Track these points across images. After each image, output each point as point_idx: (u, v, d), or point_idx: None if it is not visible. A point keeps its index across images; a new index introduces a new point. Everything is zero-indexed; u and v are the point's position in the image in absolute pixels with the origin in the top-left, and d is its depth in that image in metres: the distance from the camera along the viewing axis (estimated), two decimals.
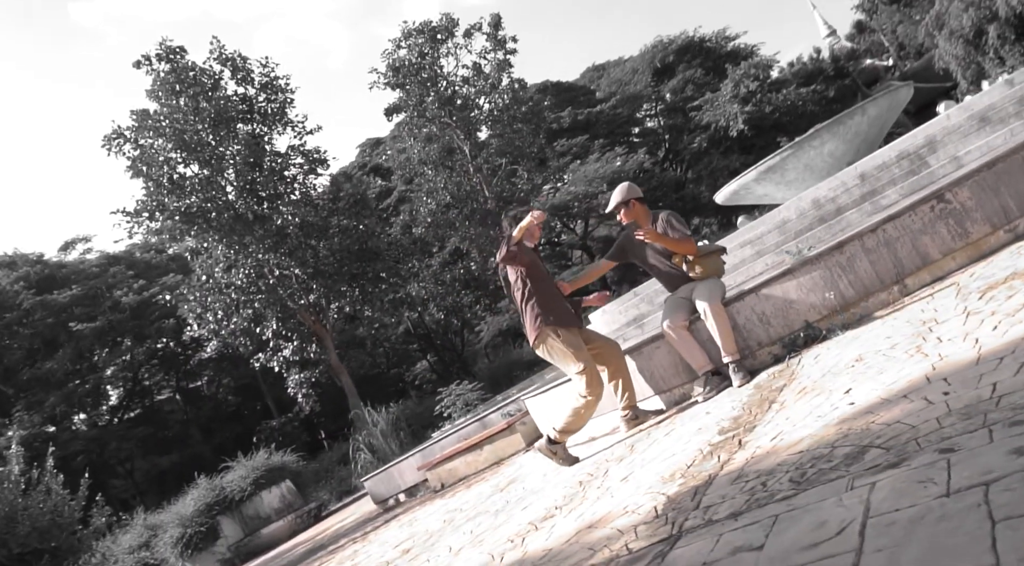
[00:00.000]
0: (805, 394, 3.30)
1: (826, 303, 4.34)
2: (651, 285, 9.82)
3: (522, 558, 3.09)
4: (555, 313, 4.73)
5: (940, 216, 4.20)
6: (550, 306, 4.75)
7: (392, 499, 8.96)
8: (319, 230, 21.69)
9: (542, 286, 4.80)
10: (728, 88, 34.61)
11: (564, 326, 4.70)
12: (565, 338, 4.65)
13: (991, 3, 27.57)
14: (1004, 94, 7.60)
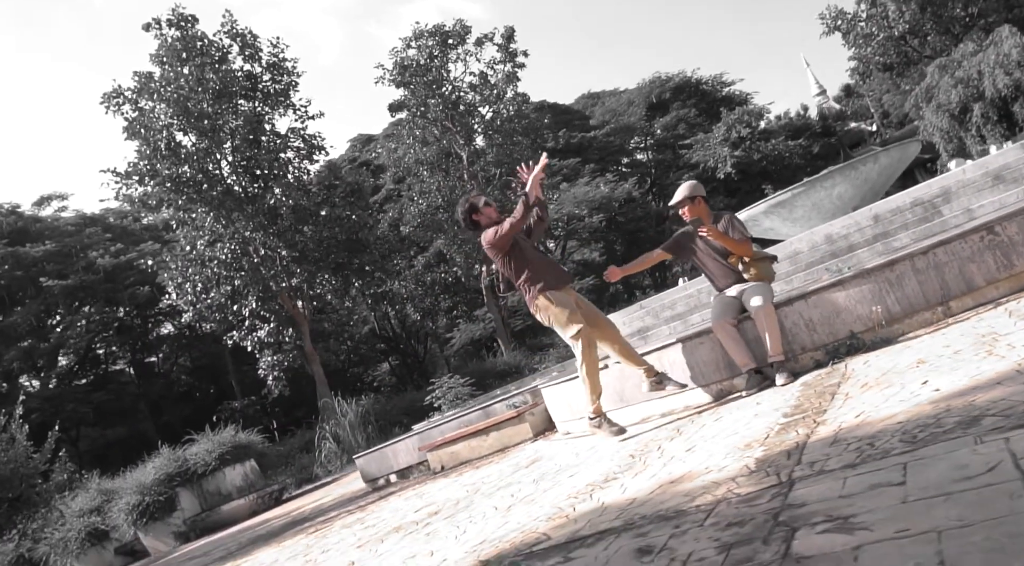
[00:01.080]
0: (870, 388, 3.51)
1: (872, 316, 4.59)
2: (657, 300, 10.10)
3: (601, 506, 3.22)
4: (545, 278, 4.93)
5: (988, 246, 4.49)
6: (539, 273, 4.94)
7: (383, 479, 8.98)
8: (311, 215, 21.63)
9: (527, 255, 4.98)
10: (720, 131, 35.47)
11: (554, 288, 4.91)
12: (557, 300, 4.87)
13: (978, 83, 28.78)
14: (1019, 156, 8.04)
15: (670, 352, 5.28)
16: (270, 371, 21.26)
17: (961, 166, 9.04)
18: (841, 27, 35.48)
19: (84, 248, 28.41)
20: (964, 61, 29.22)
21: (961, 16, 33.69)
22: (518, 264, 4.99)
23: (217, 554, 8.63)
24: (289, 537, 7.33)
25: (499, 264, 5.11)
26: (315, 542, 6.05)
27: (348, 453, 19.05)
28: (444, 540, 3.86)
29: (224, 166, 22.71)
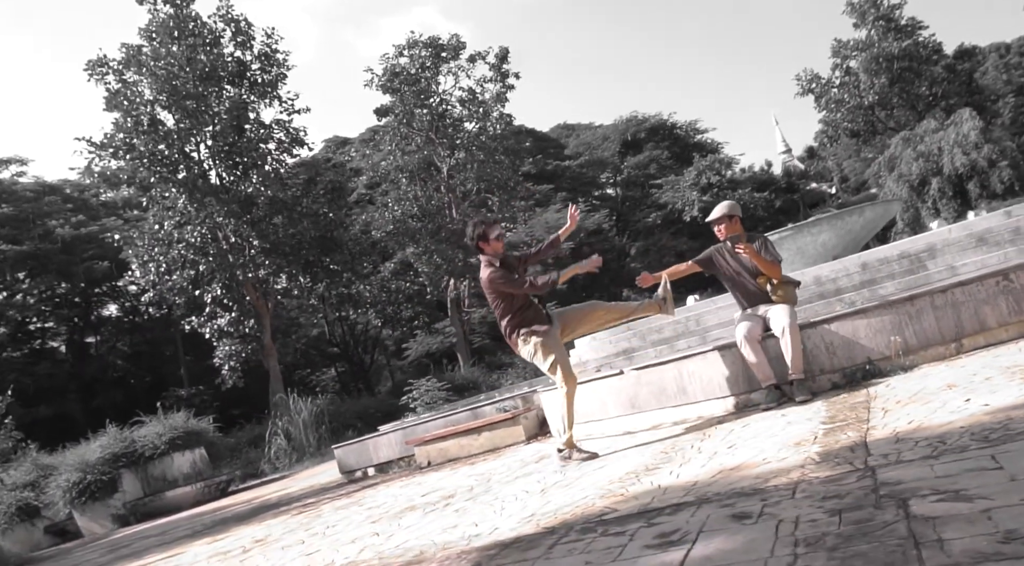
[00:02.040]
0: (908, 404, 3.75)
1: (890, 346, 4.87)
2: (645, 322, 10.33)
3: (658, 488, 3.36)
4: (532, 324, 5.05)
5: (1003, 291, 4.83)
6: (527, 319, 5.07)
7: (360, 472, 8.93)
8: (287, 208, 21.43)
9: (516, 300, 5.10)
10: (691, 175, 36.43)
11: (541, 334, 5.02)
12: (545, 343, 5.00)
13: (938, 159, 30.28)
14: (1002, 222, 8.55)
15: (689, 363, 5.48)
16: (226, 360, 20.83)
17: (946, 226, 9.56)
18: (815, 90, 37.00)
19: (42, 216, 27.49)
20: (927, 137, 30.74)
21: (926, 94, 35.48)
22: (507, 306, 5.09)
23: (181, 533, 8.44)
24: (268, 518, 7.25)
25: (489, 299, 5.24)
26: (309, 521, 6.02)
27: (298, 452, 18.75)
28: (482, 515, 3.94)
29: (203, 149, 22.42)
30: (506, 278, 5.02)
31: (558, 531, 3.07)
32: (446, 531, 3.77)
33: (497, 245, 5.20)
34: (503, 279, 5.01)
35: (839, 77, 36.28)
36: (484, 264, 5.16)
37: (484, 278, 5.11)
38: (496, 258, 5.15)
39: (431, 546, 3.49)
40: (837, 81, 36.44)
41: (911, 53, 35.05)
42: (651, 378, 5.70)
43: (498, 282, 5.02)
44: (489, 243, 5.16)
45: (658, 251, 35.65)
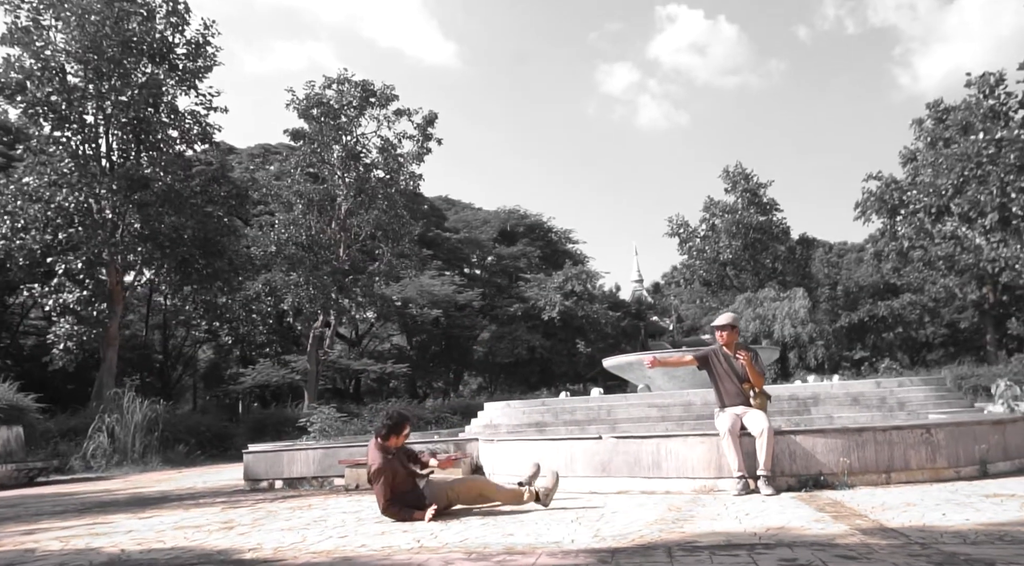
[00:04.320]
0: (887, 510, 4.68)
1: (839, 464, 5.90)
2: (560, 403, 11.09)
3: (717, 532, 4.00)
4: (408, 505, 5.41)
5: (924, 442, 6.05)
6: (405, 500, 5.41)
7: (267, 482, 8.75)
8: (181, 200, 20.48)
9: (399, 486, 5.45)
10: (559, 279, 38.50)
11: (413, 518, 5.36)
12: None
13: (771, 324, 34.16)
14: (872, 389, 10.23)
15: (670, 442, 6.24)
16: (63, 340, 19.09)
17: (827, 381, 11.21)
18: (681, 235, 40.81)
19: None
20: (765, 302, 34.72)
21: (769, 266, 40.20)
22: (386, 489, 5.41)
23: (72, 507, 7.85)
24: (177, 509, 7.02)
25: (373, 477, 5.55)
26: (266, 515, 6.01)
27: (120, 454, 17.45)
28: (540, 533, 4.37)
29: (101, 116, 21.13)
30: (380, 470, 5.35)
31: (660, 550, 3.62)
32: (507, 536, 4.17)
33: (400, 440, 5.60)
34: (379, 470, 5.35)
35: (704, 230, 40.36)
36: (376, 448, 5.48)
37: (371, 460, 5.45)
38: (390, 450, 5.49)
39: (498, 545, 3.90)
40: (702, 233, 40.50)
41: (765, 228, 39.84)
42: (629, 448, 6.39)
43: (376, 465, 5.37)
44: (398, 437, 5.55)
45: (512, 340, 36.87)
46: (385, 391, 42.47)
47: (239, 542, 4.63)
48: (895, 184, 36.75)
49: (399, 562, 3.63)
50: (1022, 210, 21.09)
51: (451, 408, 24.46)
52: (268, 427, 22.30)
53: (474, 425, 11.27)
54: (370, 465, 5.48)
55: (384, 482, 5.38)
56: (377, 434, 5.62)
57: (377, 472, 5.41)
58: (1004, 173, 21.18)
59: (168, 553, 4.36)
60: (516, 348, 36.53)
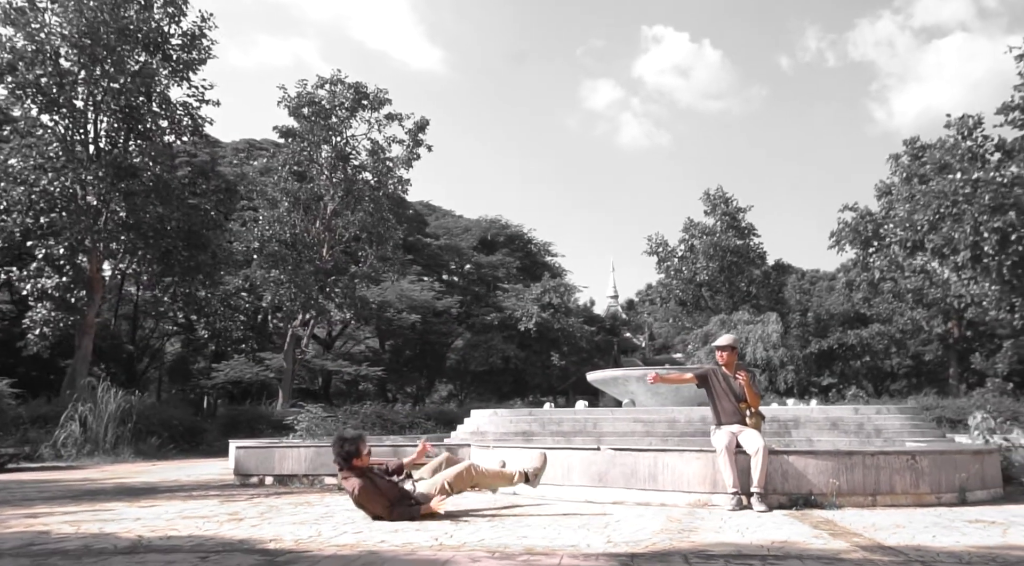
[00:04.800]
0: (879, 531, 4.91)
1: (828, 485, 6.14)
2: (548, 413, 11.28)
3: (727, 543, 4.19)
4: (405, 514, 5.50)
5: (909, 467, 6.31)
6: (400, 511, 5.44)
7: (257, 478, 8.78)
8: (168, 191, 20.35)
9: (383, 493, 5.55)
10: (537, 290, 38.73)
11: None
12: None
13: (745, 347, 34.65)
14: (851, 415, 10.55)
15: (667, 456, 6.44)
16: (39, 325, 18.83)
17: (809, 405, 11.52)
18: (660, 254, 41.30)
19: None
20: (739, 325, 35.23)
21: (744, 289, 40.80)
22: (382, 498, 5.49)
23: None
24: (175, 500, 7.06)
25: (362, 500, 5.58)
26: (268, 511, 6.09)
27: (91, 444, 17.28)
28: (554, 536, 4.53)
29: (91, 102, 20.96)
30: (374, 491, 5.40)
31: (673, 556, 3.80)
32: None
33: (367, 458, 5.66)
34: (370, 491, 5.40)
35: (683, 251, 40.89)
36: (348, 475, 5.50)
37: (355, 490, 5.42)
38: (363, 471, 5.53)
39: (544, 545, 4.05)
40: (680, 253, 41.02)
41: (742, 252, 40.46)
42: (626, 460, 6.57)
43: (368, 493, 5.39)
44: (361, 457, 5.56)
45: (487, 349, 36.98)
46: (355, 393, 42.29)
47: (254, 533, 4.72)
48: (870, 216, 37.60)
49: (425, 558, 3.76)
50: (993, 249, 21.77)
51: (425, 414, 24.49)
52: (241, 424, 22.16)
53: (460, 431, 11.40)
54: (352, 491, 5.43)
55: (377, 495, 5.42)
56: (341, 467, 5.56)
57: (363, 492, 5.39)
58: (978, 213, 21.86)
59: (188, 540, 4.44)
60: (491, 357, 36.64)
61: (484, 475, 6.03)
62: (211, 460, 15.83)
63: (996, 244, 21.58)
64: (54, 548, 4.19)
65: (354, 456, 5.50)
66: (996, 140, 25.96)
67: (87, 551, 4.06)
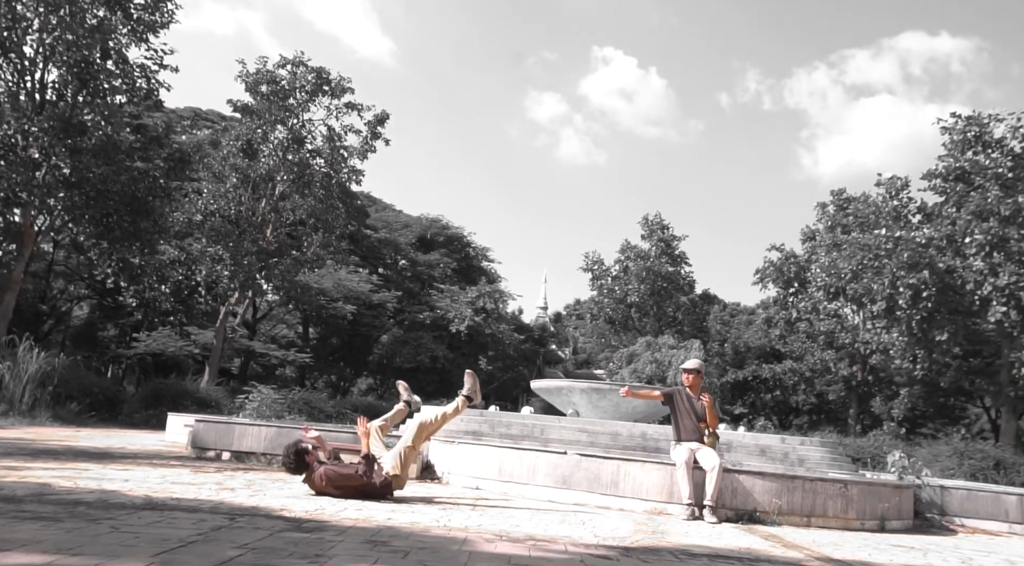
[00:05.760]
0: (825, 546, 5.52)
1: (771, 504, 6.75)
2: (498, 416, 11.65)
3: (701, 546, 4.68)
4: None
5: (841, 495, 7.00)
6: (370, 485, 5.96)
7: (214, 452, 8.83)
8: (118, 154, 19.78)
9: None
10: (472, 294, 39.07)
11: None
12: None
13: (667, 370, 35.90)
14: (778, 444, 11.34)
15: (629, 465, 6.93)
16: None
17: (740, 431, 12.27)
18: (595, 271, 42.33)
19: None
20: (664, 348, 36.47)
21: (670, 315, 42.24)
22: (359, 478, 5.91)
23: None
24: (155, 467, 7.12)
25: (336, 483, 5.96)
26: (251, 484, 6.26)
27: (7, 404, 16.77)
28: (545, 527, 4.92)
29: (43, 51, 20.22)
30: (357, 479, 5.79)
31: (662, 552, 4.26)
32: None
33: (317, 452, 6.07)
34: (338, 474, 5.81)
35: (617, 271, 42.03)
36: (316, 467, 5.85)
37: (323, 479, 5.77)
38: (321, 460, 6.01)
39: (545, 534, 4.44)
40: (614, 273, 42.15)
41: (673, 278, 41.93)
42: (591, 466, 7.03)
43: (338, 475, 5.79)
44: (310, 453, 5.93)
45: (416, 347, 37.05)
46: (272, 378, 41.57)
47: (260, 502, 4.93)
48: (794, 258, 39.65)
49: (441, 536, 4.10)
50: (906, 303, 23.41)
51: (352, 405, 24.46)
52: (165, 398, 21.60)
53: (410, 425, 11.62)
54: (320, 481, 5.74)
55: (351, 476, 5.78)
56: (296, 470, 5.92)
57: (332, 477, 5.74)
58: (897, 268, 23.49)
59: (197, 503, 4.63)
60: (419, 355, 36.73)
61: (437, 421, 6.62)
62: (138, 432, 15.53)
63: (909, 299, 23.25)
64: (73, 499, 4.32)
65: (305, 453, 5.87)
66: (919, 203, 27.94)
67: (108, 505, 4.22)
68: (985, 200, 23.08)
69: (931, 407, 40.69)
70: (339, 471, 5.86)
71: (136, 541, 3.14)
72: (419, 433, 6.48)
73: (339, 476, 5.81)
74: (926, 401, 39.19)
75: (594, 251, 42.99)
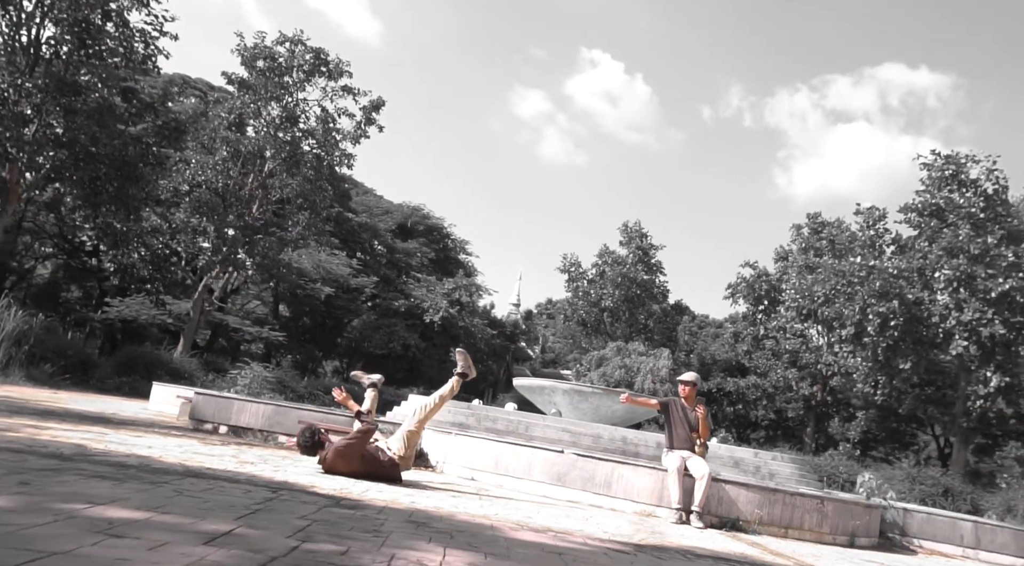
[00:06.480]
0: (806, 557, 5.91)
1: (752, 515, 7.14)
2: (485, 410, 11.93)
3: (705, 548, 5.03)
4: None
5: (817, 509, 7.42)
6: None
7: (212, 425, 8.99)
8: (113, 118, 19.62)
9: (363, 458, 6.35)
10: (448, 286, 39.25)
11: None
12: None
13: (635, 376, 36.46)
14: (751, 457, 11.81)
15: (623, 468, 7.27)
16: None
17: (713, 441, 12.71)
18: (572, 273, 42.78)
19: None
20: (633, 354, 37.05)
21: (642, 322, 42.86)
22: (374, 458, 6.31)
23: None
24: (162, 435, 7.28)
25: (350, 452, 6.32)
26: (266, 460, 6.48)
27: None
28: (556, 519, 5.23)
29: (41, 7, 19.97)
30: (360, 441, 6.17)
31: (670, 551, 4.59)
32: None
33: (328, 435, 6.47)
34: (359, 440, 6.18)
35: (594, 275, 42.53)
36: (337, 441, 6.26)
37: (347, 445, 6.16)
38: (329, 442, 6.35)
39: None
40: (590, 276, 42.64)
41: (648, 287, 42.54)
42: (586, 466, 7.36)
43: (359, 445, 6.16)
44: (323, 435, 6.40)
45: (389, 333, 37.13)
46: (238, 353, 41.31)
47: (288, 478, 5.16)
48: (766, 276, 40.50)
49: (468, 521, 4.38)
50: (874, 330, 24.17)
51: (323, 387, 24.54)
52: (139, 366, 21.49)
53: (396, 413, 11.90)
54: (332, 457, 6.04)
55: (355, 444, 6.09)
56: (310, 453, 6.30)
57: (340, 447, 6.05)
58: (868, 296, 24.24)
59: (234, 474, 4.84)
60: (391, 342, 36.81)
61: (438, 403, 6.85)
62: (116, 398, 15.53)
63: (878, 326, 24.01)
64: (117, 461, 4.52)
65: (318, 433, 6.31)
66: (894, 234, 28.82)
67: (152, 469, 4.43)
68: (956, 237, 23.92)
69: (884, 431, 41.84)
70: (346, 441, 6.15)
71: (207, 505, 3.37)
72: (422, 416, 6.74)
73: (346, 444, 6.09)
74: (879, 425, 40.34)
75: (572, 253, 43.46)
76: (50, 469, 3.77)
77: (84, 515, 2.72)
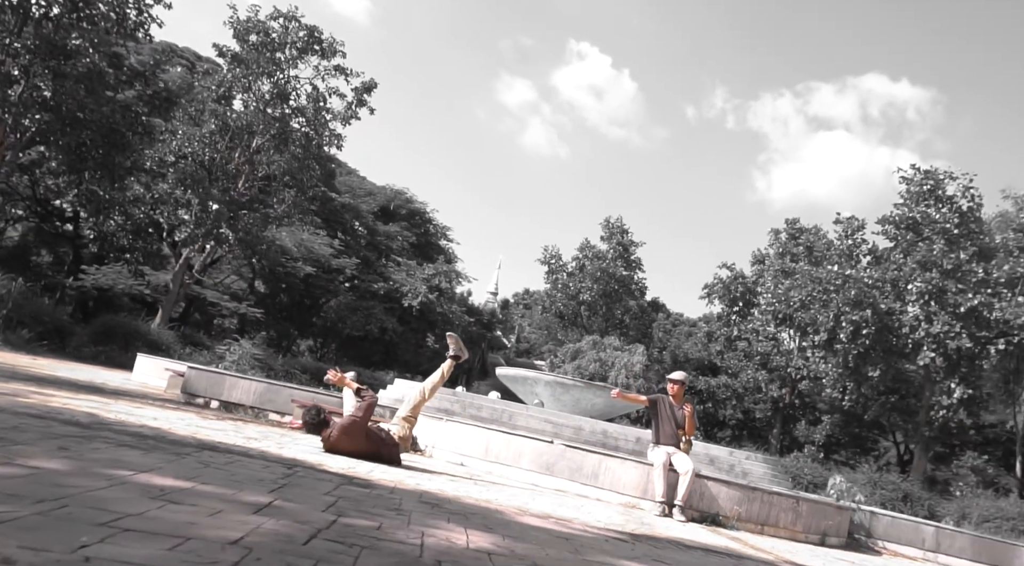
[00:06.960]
0: (784, 553, 6.19)
1: (732, 511, 7.42)
2: (471, 397, 12.11)
3: (694, 540, 5.27)
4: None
5: (793, 508, 7.72)
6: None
7: (203, 400, 9.07)
8: (102, 84, 19.39)
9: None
10: (428, 271, 39.33)
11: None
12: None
13: (609, 370, 36.86)
14: (725, 456, 12.12)
15: (610, 460, 7.50)
16: None
17: None
18: (552, 265, 43.04)
19: None
20: (608, 349, 37.46)
21: (619, 318, 43.29)
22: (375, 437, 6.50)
23: None
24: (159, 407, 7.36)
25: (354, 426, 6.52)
26: (267, 437, 6.60)
27: None
28: (553, 507, 5.43)
29: None
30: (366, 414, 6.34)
31: (663, 542, 4.82)
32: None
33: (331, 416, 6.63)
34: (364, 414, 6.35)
35: (574, 268, 42.83)
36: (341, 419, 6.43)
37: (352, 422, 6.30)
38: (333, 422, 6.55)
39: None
40: (570, 269, 42.95)
41: (626, 283, 42.95)
42: (575, 457, 7.58)
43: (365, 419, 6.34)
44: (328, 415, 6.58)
45: (366, 315, 37.14)
46: (211, 327, 41.06)
47: (296, 455, 5.30)
48: (742, 279, 41.12)
49: (474, 504, 4.56)
50: (847, 337, 24.75)
51: (301, 367, 24.57)
52: (116, 335, 21.35)
53: (384, 396, 12.01)
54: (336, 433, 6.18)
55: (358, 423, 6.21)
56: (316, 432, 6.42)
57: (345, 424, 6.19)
58: (842, 304, 24.81)
59: (245, 449, 4.98)
60: (369, 324, 36.84)
61: (432, 389, 7.14)
62: (96, 367, 15.45)
63: (850, 334, 24.60)
64: (133, 432, 4.64)
65: (323, 412, 6.48)
66: (871, 245, 29.45)
67: (169, 440, 4.55)
68: (931, 252, 24.54)
69: (847, 436, 42.77)
70: (351, 417, 6.28)
71: (236, 478, 3.52)
72: (419, 399, 6.92)
73: (351, 421, 6.23)
74: (843, 430, 41.24)
75: (553, 245, 43.78)
76: (78, 436, 3.88)
77: (134, 482, 2.86)
